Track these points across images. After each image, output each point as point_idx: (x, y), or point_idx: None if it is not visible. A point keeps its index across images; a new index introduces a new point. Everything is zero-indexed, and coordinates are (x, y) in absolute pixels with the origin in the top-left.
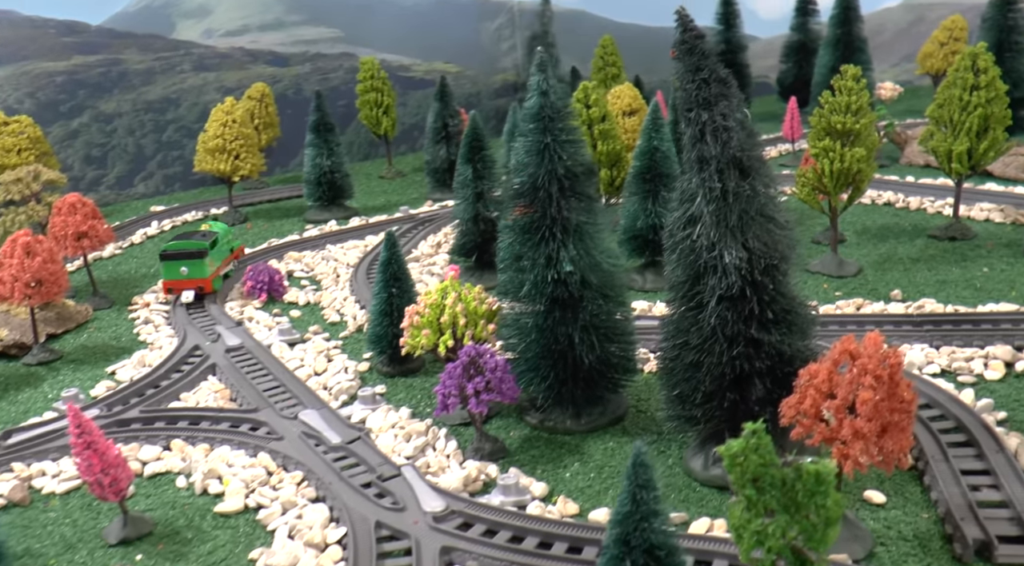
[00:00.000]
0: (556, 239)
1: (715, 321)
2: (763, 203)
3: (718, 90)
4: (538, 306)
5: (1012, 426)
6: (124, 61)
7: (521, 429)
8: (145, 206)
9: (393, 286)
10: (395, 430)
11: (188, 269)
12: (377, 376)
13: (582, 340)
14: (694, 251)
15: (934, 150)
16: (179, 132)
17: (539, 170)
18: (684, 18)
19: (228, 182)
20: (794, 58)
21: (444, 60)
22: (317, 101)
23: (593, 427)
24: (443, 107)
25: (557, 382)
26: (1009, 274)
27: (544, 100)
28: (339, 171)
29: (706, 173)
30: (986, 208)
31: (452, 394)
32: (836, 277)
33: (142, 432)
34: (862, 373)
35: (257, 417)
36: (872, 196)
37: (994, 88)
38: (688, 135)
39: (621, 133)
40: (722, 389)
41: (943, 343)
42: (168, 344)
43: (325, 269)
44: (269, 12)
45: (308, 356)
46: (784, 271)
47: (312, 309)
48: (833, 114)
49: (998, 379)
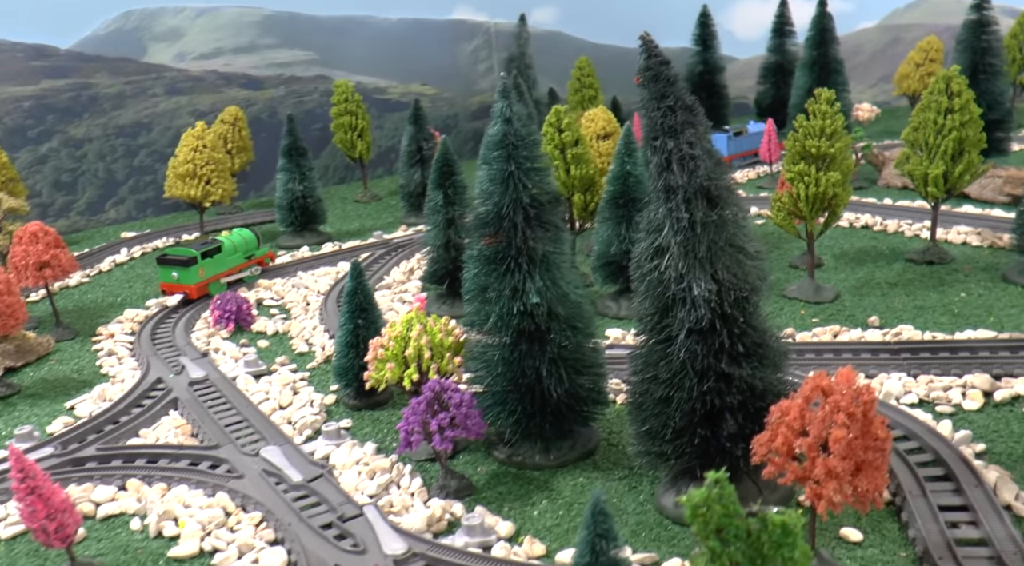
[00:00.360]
0: (522, 270)
1: (684, 355)
2: (732, 233)
3: (684, 118)
4: (504, 338)
5: (991, 459)
6: (94, 85)
7: (489, 464)
8: (116, 232)
9: (359, 317)
10: (359, 467)
11: (178, 275)
12: (344, 409)
13: (550, 373)
14: (662, 283)
15: (910, 174)
16: (151, 157)
17: (503, 199)
18: (648, 44)
19: (199, 208)
20: (771, 79)
21: (421, 82)
22: (289, 125)
23: (563, 462)
24: (417, 130)
25: (525, 416)
26: (987, 299)
27: (508, 127)
28: (311, 196)
29: (673, 203)
30: (963, 231)
31: (415, 431)
32: (813, 303)
33: (97, 471)
34: (835, 410)
35: (218, 454)
36: (850, 219)
37: (968, 111)
38: (654, 164)
39: (595, 157)
40: (692, 425)
41: (921, 372)
42: (131, 376)
43: (295, 297)
44: (243, 35)
45: (274, 388)
46: (755, 303)
47: (280, 339)
48: (808, 138)
49: (976, 409)
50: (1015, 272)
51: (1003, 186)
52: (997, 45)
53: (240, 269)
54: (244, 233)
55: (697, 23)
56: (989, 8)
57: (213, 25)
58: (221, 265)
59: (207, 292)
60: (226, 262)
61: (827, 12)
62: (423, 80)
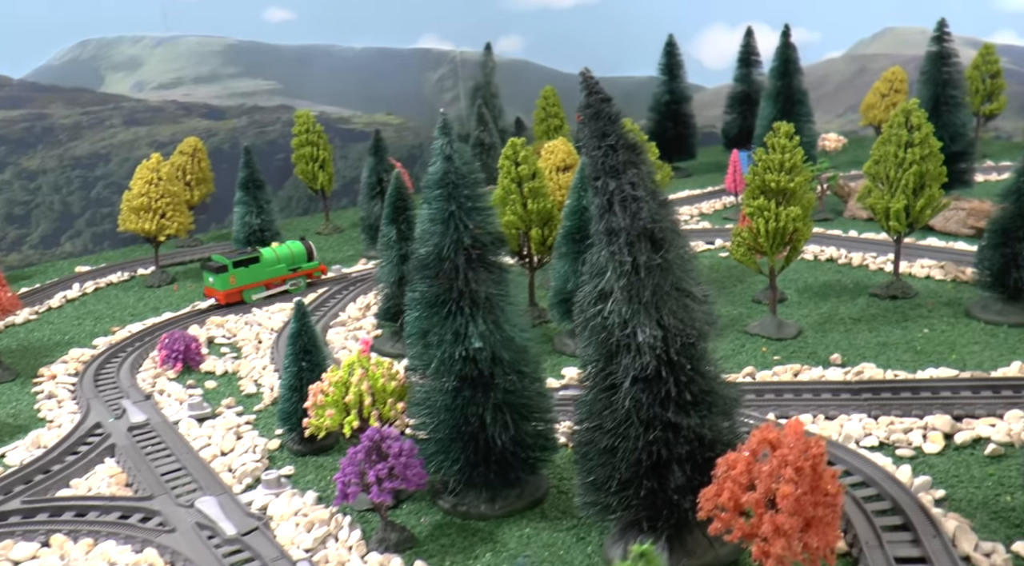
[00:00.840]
0: (464, 313)
1: (630, 404)
2: (679, 276)
3: (626, 157)
4: (447, 384)
5: (950, 505)
6: (49, 115)
7: (433, 515)
8: (70, 266)
9: (304, 359)
10: (297, 518)
11: (213, 280)
12: (288, 455)
13: (495, 420)
14: (606, 329)
15: (872, 207)
16: (109, 188)
17: (444, 240)
18: (589, 80)
19: (154, 242)
20: (738, 109)
21: (386, 111)
22: (246, 157)
23: (509, 511)
24: (378, 161)
25: (469, 465)
26: (949, 335)
27: (448, 165)
28: (269, 229)
29: (615, 246)
30: (927, 264)
31: (352, 482)
32: (775, 340)
33: (20, 526)
34: (782, 465)
35: (151, 505)
36: (815, 252)
37: (928, 145)
38: (595, 205)
39: (555, 190)
40: (638, 476)
41: (882, 413)
42: (69, 421)
43: (248, 335)
44: (204, 64)
45: (217, 433)
46: (703, 349)
47: (229, 379)
48: (767, 172)
49: (937, 452)
50: (978, 307)
51: (967, 218)
52: (958, 77)
53: (282, 280)
54: (293, 245)
55: (663, 52)
56: (949, 40)
57: (173, 54)
58: (257, 275)
59: (239, 299)
60: (263, 272)
61: (790, 43)
62: (388, 109)
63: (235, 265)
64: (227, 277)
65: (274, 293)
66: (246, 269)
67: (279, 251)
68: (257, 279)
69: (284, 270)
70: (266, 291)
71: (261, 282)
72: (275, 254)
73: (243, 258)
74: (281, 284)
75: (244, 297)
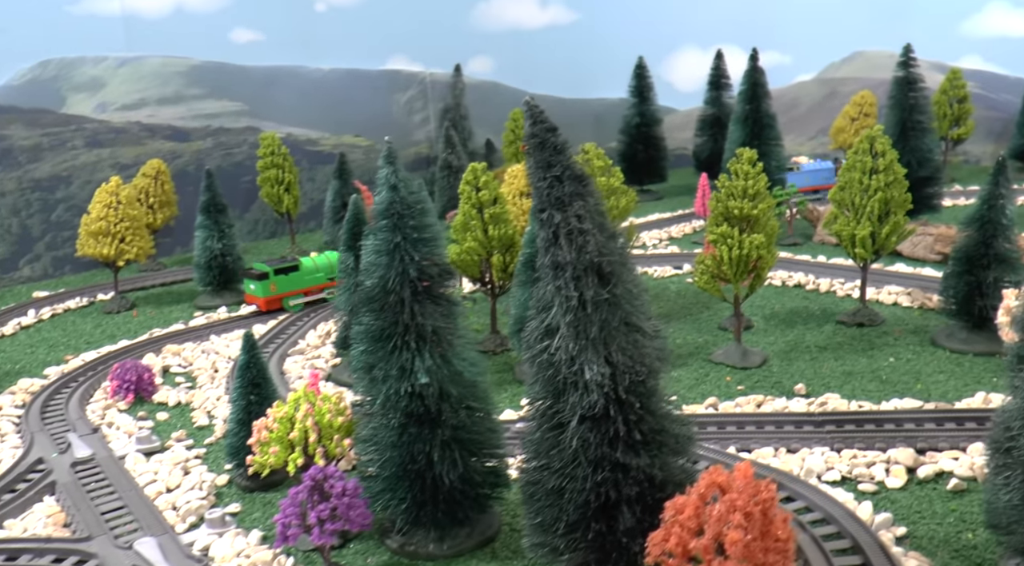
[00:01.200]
0: (410, 348)
1: (577, 443)
2: (627, 311)
3: (572, 188)
4: (393, 421)
5: (912, 543)
6: (8, 137)
7: (380, 555)
8: (29, 291)
9: (252, 393)
10: (240, 559)
11: (255, 287)
12: (236, 491)
13: (442, 458)
14: (553, 365)
15: (837, 234)
16: (70, 211)
17: (389, 272)
18: (533, 109)
19: (113, 267)
20: (708, 132)
21: (354, 133)
22: (208, 180)
23: (459, 551)
24: (342, 185)
25: (416, 504)
26: (915, 364)
27: (394, 195)
28: (231, 254)
29: (561, 280)
30: (894, 291)
31: (293, 523)
32: (740, 368)
33: None
34: (731, 510)
35: (88, 547)
36: (783, 277)
37: (893, 171)
38: (541, 238)
39: (518, 215)
40: (586, 518)
41: (845, 446)
42: (10, 456)
43: (204, 363)
44: (168, 85)
45: (164, 469)
46: (653, 386)
47: (182, 410)
48: (730, 199)
49: (900, 487)
50: (943, 336)
51: (934, 244)
52: (925, 102)
53: (320, 289)
54: (331, 255)
55: (633, 74)
56: (915, 65)
57: (136, 75)
58: (297, 283)
59: (279, 306)
60: (303, 281)
61: (759, 67)
62: (357, 131)
63: (276, 273)
64: (268, 284)
65: (313, 300)
66: (286, 277)
67: (318, 260)
68: (297, 287)
69: (323, 279)
70: (305, 298)
71: (300, 290)
72: (314, 263)
73: (284, 266)
74: (319, 292)
75: (283, 304)
